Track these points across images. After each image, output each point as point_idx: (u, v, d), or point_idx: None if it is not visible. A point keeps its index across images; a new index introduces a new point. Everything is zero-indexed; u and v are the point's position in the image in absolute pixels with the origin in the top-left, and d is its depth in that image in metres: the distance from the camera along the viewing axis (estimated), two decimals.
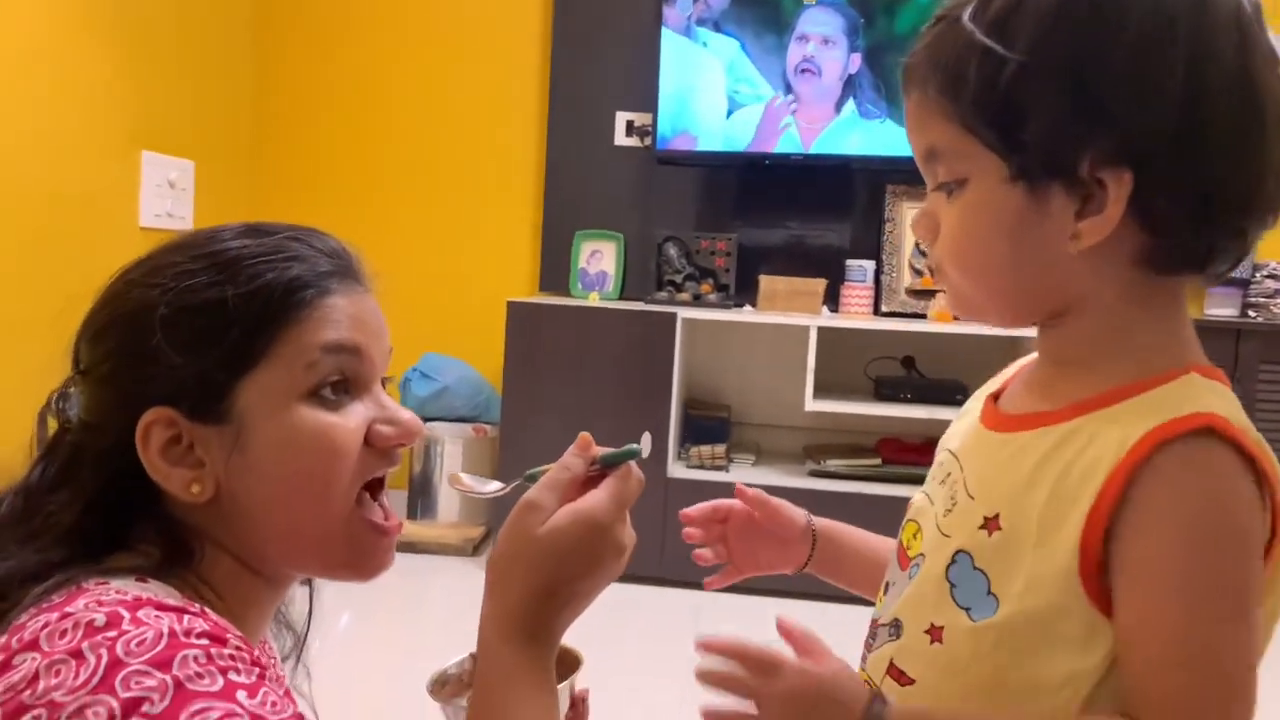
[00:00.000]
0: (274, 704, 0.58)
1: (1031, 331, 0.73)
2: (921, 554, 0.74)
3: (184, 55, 3.22)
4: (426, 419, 3.19)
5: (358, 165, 3.67)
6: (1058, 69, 0.61)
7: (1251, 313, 3.18)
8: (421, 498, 3.36)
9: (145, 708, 0.54)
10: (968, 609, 0.68)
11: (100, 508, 0.69)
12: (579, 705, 0.86)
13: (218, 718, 0.55)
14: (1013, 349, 2.87)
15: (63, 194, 2.72)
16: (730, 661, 0.69)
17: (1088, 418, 0.65)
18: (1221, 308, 3.19)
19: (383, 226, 3.60)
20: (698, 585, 3.49)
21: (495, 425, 3.29)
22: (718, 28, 3.21)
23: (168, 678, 0.56)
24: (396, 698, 2.14)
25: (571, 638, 0.75)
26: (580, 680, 0.82)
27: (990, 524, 0.67)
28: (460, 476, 0.82)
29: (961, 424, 0.80)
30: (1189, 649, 0.59)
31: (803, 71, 3.17)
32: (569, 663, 0.80)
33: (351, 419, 0.73)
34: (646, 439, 0.75)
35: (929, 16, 0.69)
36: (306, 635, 0.89)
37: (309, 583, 0.89)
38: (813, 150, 3.19)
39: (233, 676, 0.58)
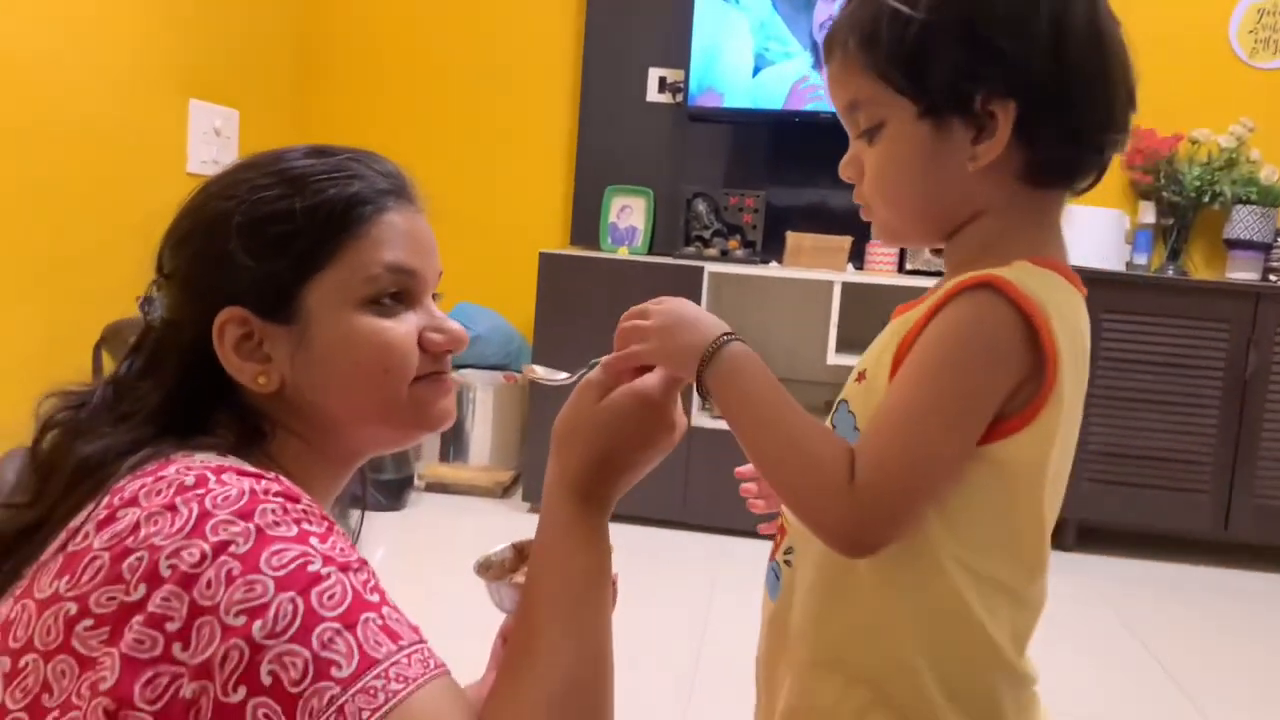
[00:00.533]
0: (342, 549, 0.68)
1: None
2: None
3: (230, 6, 3.30)
4: (459, 366, 3.28)
5: (395, 118, 3.75)
6: (953, 23, 0.75)
7: (1273, 276, 3.20)
8: (454, 442, 3.47)
9: (231, 549, 0.63)
10: None
11: (180, 397, 0.78)
12: (610, 587, 0.94)
13: (293, 556, 0.64)
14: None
15: (114, 140, 2.82)
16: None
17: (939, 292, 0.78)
18: (1243, 271, 3.22)
19: (419, 177, 3.67)
20: (717, 530, 3.56)
21: None
22: None
23: (250, 525, 0.65)
24: (427, 626, 2.24)
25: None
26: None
27: (860, 377, 0.82)
28: (534, 368, 0.91)
29: None
30: (894, 424, 0.73)
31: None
32: None
33: (404, 324, 0.81)
34: None
35: None
36: (361, 526, 0.98)
37: (361, 508, 0.98)
38: None
39: (305, 526, 0.67)
